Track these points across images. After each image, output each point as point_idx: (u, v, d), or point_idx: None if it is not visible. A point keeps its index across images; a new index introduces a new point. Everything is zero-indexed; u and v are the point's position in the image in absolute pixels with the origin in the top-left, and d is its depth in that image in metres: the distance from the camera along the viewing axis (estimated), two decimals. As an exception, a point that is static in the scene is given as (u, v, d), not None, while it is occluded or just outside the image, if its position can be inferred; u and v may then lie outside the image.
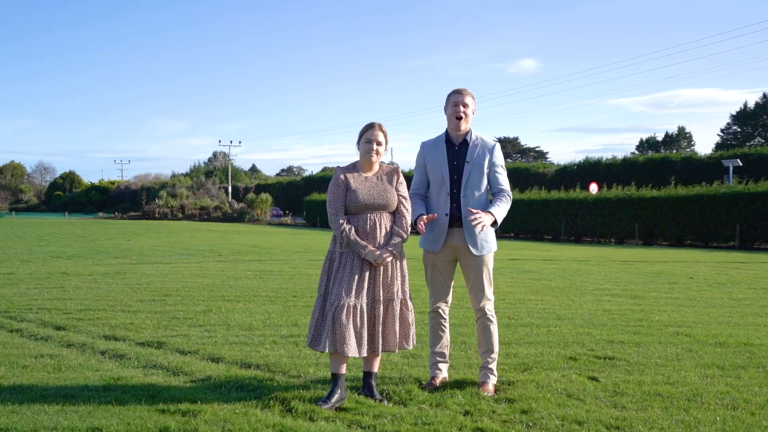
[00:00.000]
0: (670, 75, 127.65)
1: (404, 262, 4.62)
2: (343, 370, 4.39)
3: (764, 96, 67.10)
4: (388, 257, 4.41)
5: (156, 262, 15.86)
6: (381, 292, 4.44)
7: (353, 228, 4.43)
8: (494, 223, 4.66)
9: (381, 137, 4.53)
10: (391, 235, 4.51)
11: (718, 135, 69.99)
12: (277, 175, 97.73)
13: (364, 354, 4.41)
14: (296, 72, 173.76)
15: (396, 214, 4.60)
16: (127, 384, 4.66)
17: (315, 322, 4.39)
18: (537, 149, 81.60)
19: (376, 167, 4.62)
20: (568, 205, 33.16)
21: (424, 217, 4.64)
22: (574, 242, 31.71)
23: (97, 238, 27.58)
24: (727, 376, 5.11)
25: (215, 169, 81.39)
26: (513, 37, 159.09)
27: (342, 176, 4.52)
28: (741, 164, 34.25)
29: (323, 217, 43.25)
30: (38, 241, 24.69)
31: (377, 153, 4.53)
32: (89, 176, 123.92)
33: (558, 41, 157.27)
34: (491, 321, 4.84)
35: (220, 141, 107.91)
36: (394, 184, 4.59)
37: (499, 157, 4.83)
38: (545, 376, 5.04)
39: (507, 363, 5.47)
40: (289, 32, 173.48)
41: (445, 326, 4.95)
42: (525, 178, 45.29)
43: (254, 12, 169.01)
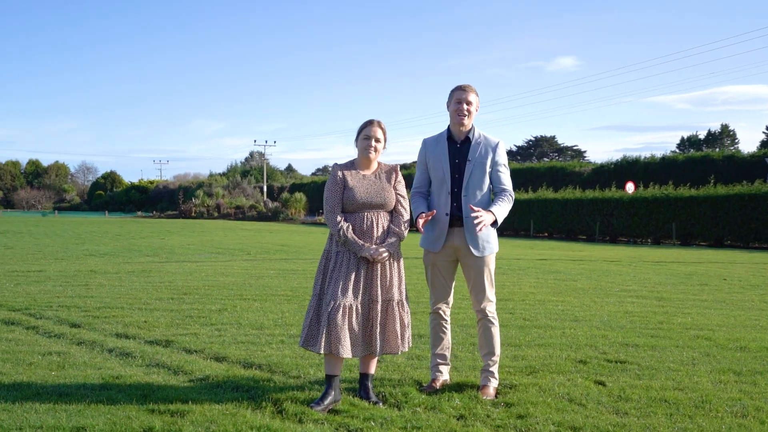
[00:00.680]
0: (710, 71, 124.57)
1: (401, 263, 4.54)
2: (338, 371, 4.32)
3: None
4: (385, 254, 4.32)
5: (184, 260, 16.02)
6: (379, 292, 4.35)
7: (350, 226, 4.36)
8: (494, 223, 4.54)
9: (380, 134, 4.45)
10: (387, 233, 4.43)
11: (764, 132, 68.24)
12: (313, 174, 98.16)
13: (359, 355, 4.34)
14: (333, 71, 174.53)
15: (394, 213, 4.52)
16: (124, 383, 4.66)
17: (309, 322, 4.33)
18: (575, 148, 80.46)
19: (374, 165, 4.54)
20: (603, 205, 32.60)
21: (424, 213, 4.55)
22: (609, 242, 31.17)
23: (132, 237, 28.03)
24: (743, 382, 4.91)
25: (251, 169, 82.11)
26: (553, 35, 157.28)
27: (340, 174, 4.45)
28: (785, 163, 33.28)
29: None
30: (75, 240, 25.19)
31: (375, 150, 4.45)
32: (130, 176, 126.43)
33: (598, 38, 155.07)
34: (492, 323, 4.72)
35: (255, 141, 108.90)
36: (393, 182, 4.50)
37: (502, 156, 4.71)
38: (550, 380, 4.90)
39: (513, 365, 5.34)
40: (325, 32, 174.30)
41: (446, 327, 4.85)
42: (560, 178, 44.64)
43: (291, 12, 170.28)
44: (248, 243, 23.62)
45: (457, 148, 4.71)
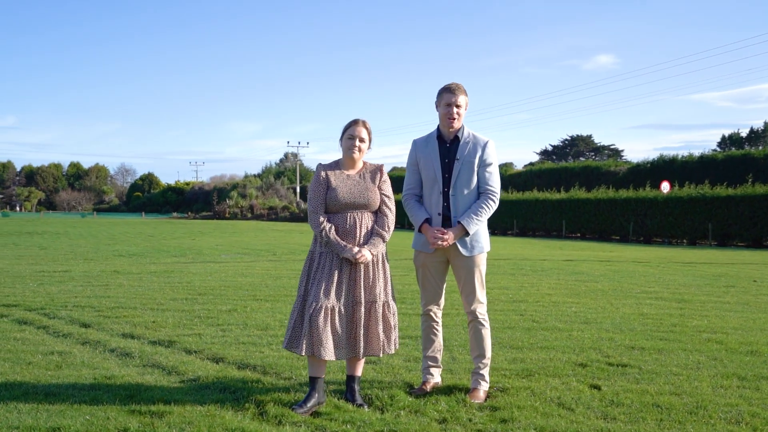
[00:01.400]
0: (749, 68, 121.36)
1: (387, 264, 4.48)
2: (322, 373, 4.28)
3: None
4: (367, 255, 4.27)
5: (209, 261, 16.18)
6: (362, 293, 4.31)
7: (333, 227, 4.32)
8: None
9: (364, 133, 4.41)
10: (371, 234, 4.38)
11: (808, 130, 66.24)
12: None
13: (343, 358, 4.29)
14: (369, 71, 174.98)
15: (378, 214, 4.46)
16: (114, 383, 4.69)
17: (293, 324, 4.30)
18: (612, 147, 79.17)
19: (359, 165, 4.50)
20: (636, 205, 32.05)
21: (435, 229, 4.54)
22: (643, 243, 30.62)
23: (164, 238, 28.45)
24: (745, 388, 4.74)
25: (285, 170, 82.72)
26: (591, 33, 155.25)
27: (323, 174, 4.42)
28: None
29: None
30: (108, 240, 25.65)
31: (359, 150, 4.40)
32: (167, 177, 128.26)
33: (637, 35, 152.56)
34: (483, 325, 4.64)
35: (288, 142, 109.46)
36: (377, 182, 4.45)
37: (490, 155, 4.63)
38: (544, 383, 4.80)
39: (510, 368, 5.24)
40: (359, 32, 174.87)
41: (437, 330, 4.78)
42: (595, 177, 43.92)
43: (326, 14, 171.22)
44: (276, 244, 23.76)
45: (447, 147, 4.65)
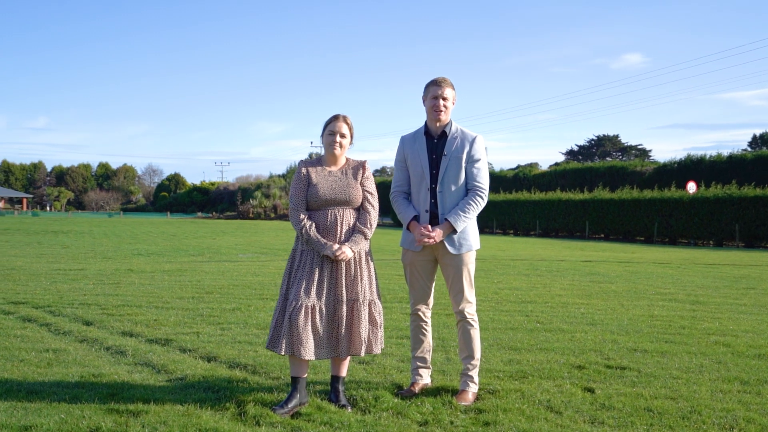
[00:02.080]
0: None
1: (371, 262, 4.39)
2: (303, 373, 4.20)
3: None
4: (347, 252, 4.18)
5: (225, 260, 16.22)
6: (344, 292, 4.22)
7: (314, 224, 4.24)
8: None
9: (345, 129, 4.32)
10: (352, 231, 4.29)
11: (841, 129, 64.64)
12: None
13: (324, 357, 4.21)
14: (392, 71, 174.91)
15: (361, 211, 4.38)
16: (99, 381, 4.65)
17: (275, 323, 4.22)
18: (639, 147, 78.13)
19: (342, 161, 4.41)
20: (661, 205, 31.51)
21: (421, 226, 4.45)
22: (668, 244, 30.11)
23: (186, 237, 28.66)
24: (745, 392, 4.56)
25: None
26: (618, 32, 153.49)
27: (304, 170, 4.34)
28: None
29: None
30: (130, 240, 25.90)
31: (341, 146, 4.32)
32: (193, 178, 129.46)
33: (666, 33, 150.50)
34: (472, 325, 4.53)
35: (312, 142, 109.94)
36: (359, 179, 4.36)
37: (478, 151, 4.51)
38: (536, 386, 4.67)
39: (504, 370, 5.12)
40: (383, 32, 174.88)
41: (426, 330, 4.68)
42: (620, 177, 43.33)
43: (350, 16, 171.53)
44: (295, 243, 23.77)
45: (435, 143, 4.55)
